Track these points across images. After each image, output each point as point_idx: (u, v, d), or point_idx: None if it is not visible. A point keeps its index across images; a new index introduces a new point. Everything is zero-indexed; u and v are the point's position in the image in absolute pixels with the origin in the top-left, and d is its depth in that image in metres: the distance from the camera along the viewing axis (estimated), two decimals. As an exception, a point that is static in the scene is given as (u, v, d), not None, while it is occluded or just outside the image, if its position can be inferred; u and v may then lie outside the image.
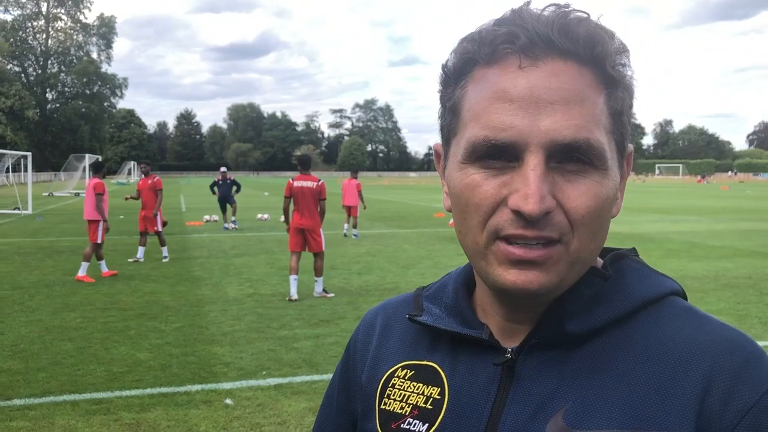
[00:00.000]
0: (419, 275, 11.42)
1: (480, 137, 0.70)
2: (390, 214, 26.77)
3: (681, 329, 0.74)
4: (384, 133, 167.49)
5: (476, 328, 0.81)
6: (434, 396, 0.81)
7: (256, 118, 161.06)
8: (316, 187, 9.43)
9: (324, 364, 6.30)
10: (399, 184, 77.13)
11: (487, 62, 0.72)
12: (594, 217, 0.70)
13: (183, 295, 9.75)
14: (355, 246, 15.70)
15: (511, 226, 0.69)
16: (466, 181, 0.72)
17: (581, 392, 0.73)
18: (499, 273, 0.71)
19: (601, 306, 0.76)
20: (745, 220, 23.46)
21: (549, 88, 0.68)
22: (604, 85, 0.71)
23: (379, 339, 0.92)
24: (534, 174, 0.67)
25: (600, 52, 0.70)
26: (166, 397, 5.43)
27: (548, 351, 0.76)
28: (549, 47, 0.69)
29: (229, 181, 20.72)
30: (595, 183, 0.70)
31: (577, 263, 0.72)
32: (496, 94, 0.70)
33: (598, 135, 0.69)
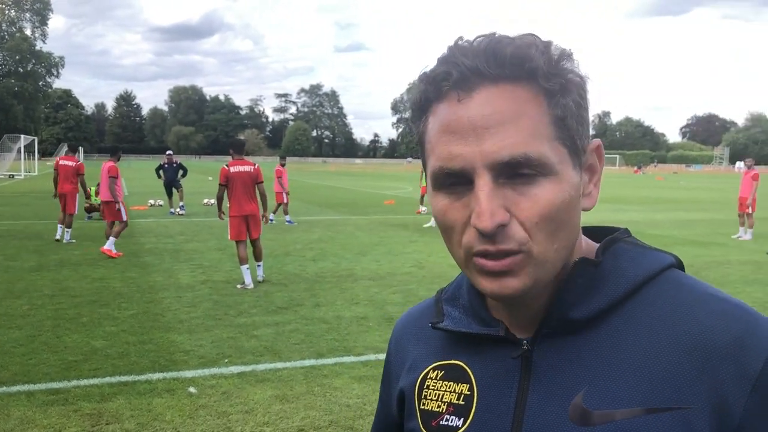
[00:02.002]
0: (374, 262, 11.44)
1: (437, 168, 0.78)
2: (339, 200, 26.72)
3: (678, 307, 0.80)
4: (329, 118, 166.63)
5: (492, 326, 0.87)
6: (465, 392, 0.88)
7: (199, 100, 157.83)
8: (253, 171, 9.26)
9: (286, 352, 6.26)
10: (345, 170, 76.97)
11: (436, 99, 0.79)
12: (549, 220, 0.76)
13: (134, 281, 9.53)
14: (306, 232, 15.62)
15: (477, 243, 0.76)
16: (438, 207, 0.80)
17: (595, 375, 0.79)
18: (480, 282, 0.79)
19: (599, 291, 0.82)
20: (681, 209, 24.33)
21: (484, 115, 0.74)
22: (543, 97, 0.76)
23: (410, 347, 1.00)
24: (482, 193, 0.74)
25: (530, 68, 0.75)
26: (127, 386, 5.31)
27: (560, 338, 0.83)
28: (479, 77, 0.75)
29: (175, 165, 20.29)
30: (545, 190, 0.75)
31: (545, 264, 0.77)
32: (442, 128, 0.77)
33: (538, 146, 0.74)
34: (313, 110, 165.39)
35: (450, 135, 0.76)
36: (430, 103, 0.80)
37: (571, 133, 0.78)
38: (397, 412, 0.99)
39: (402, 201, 26.16)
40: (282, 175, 17.71)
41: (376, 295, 8.82)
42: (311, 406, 4.95)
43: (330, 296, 8.70)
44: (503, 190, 0.75)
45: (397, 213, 21.12)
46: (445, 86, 0.77)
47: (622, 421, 0.76)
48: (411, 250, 13.02)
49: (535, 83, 0.76)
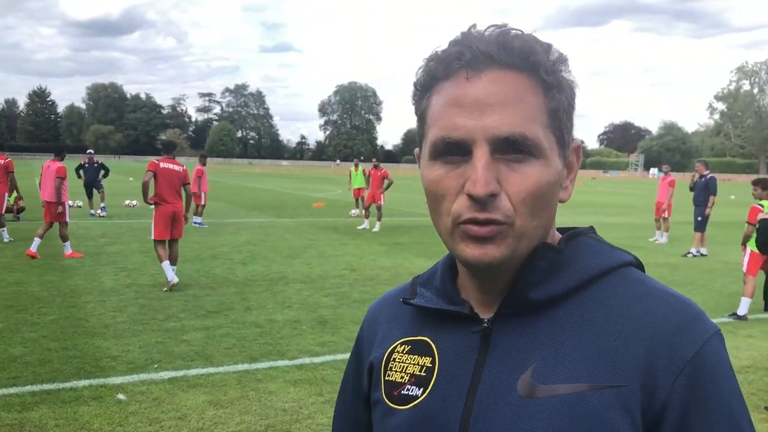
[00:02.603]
0: (305, 265, 11.36)
1: (438, 137, 0.85)
2: (266, 202, 26.41)
3: (631, 297, 0.87)
4: (255, 119, 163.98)
5: (459, 305, 0.94)
6: (427, 365, 0.95)
7: (119, 99, 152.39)
8: (182, 172, 9.28)
9: (218, 356, 6.14)
10: (272, 172, 76.10)
11: (444, 77, 0.86)
12: (534, 198, 0.83)
13: (54, 285, 9.13)
14: (233, 235, 15.36)
15: (467, 211, 0.82)
16: (432, 175, 0.87)
17: (546, 353, 0.86)
18: (462, 248, 0.85)
19: (558, 276, 0.89)
20: (602, 213, 25.24)
21: (489, 93, 0.82)
22: (542, 88, 0.85)
23: (382, 323, 1.06)
24: (479, 163, 0.81)
25: (534, 61, 0.84)
26: (50, 395, 5.08)
27: (519, 319, 0.90)
28: (490, 60, 0.84)
29: (96, 165, 19.58)
30: (534, 170, 0.83)
31: (524, 238, 0.85)
32: (449, 102, 0.84)
33: (534, 129, 0.83)
34: (238, 110, 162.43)
35: (456, 108, 0.84)
36: (436, 81, 0.88)
37: (561, 125, 0.87)
38: (367, 384, 1.04)
39: (331, 203, 26.09)
40: (202, 175, 17.30)
41: (309, 298, 8.77)
42: (246, 411, 4.87)
43: (261, 300, 8.58)
44: (497, 165, 0.82)
45: (327, 215, 21.05)
46: (456, 65, 0.85)
47: (564, 396, 0.83)
48: (342, 252, 13.00)
49: (536, 75, 0.85)
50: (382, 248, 13.71)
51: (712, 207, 14.02)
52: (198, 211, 17.15)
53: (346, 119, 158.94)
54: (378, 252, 13.17)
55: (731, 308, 8.58)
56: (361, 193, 20.56)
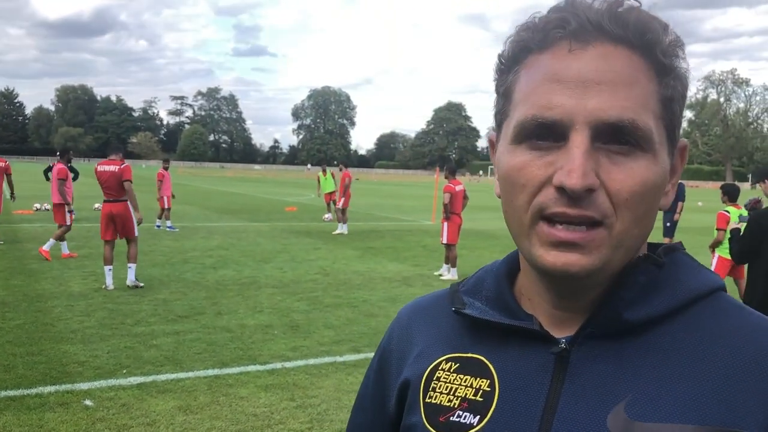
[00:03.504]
0: (278, 269, 11.28)
1: (528, 116, 0.71)
2: (239, 206, 26.20)
3: (739, 328, 0.75)
4: (228, 123, 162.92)
5: (523, 319, 0.80)
6: (484, 388, 0.80)
7: (89, 101, 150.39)
8: (118, 171, 9.30)
9: (188, 361, 6.06)
10: (244, 176, 75.61)
11: (539, 48, 0.73)
12: (638, 200, 0.70)
13: (20, 289, 8.94)
14: (205, 239, 15.21)
15: (554, 204, 0.69)
16: (513, 162, 0.73)
17: (643, 383, 0.72)
18: (541, 254, 0.72)
19: (658, 294, 0.76)
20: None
21: (597, 70, 0.69)
22: (655, 72, 0.72)
23: (418, 335, 0.91)
24: (578, 151, 0.68)
25: (650, 39, 0.71)
26: (15, 401, 4.97)
27: (603, 341, 0.76)
28: (599, 32, 0.71)
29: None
30: (641, 166, 0.70)
31: (620, 248, 0.72)
32: (545, 76, 0.71)
33: (646, 118, 0.70)
34: (211, 114, 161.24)
35: (553, 84, 0.71)
36: (528, 52, 0.75)
37: (673, 118, 0.75)
38: (396, 406, 0.90)
39: (304, 208, 25.97)
40: (163, 179, 17.10)
41: (281, 302, 8.71)
42: (217, 417, 4.81)
43: (232, 304, 8.50)
44: (597, 155, 0.69)
45: (300, 220, 20.96)
46: (558, 33, 0.72)
47: None
48: (315, 257, 12.94)
49: (651, 56, 0.72)
50: (355, 253, 13.69)
51: (681, 213, 14.24)
52: (164, 214, 16.96)
53: (320, 124, 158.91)
54: (351, 256, 13.14)
55: (699, 312, 8.69)
56: (332, 197, 20.61)
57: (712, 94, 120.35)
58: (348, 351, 6.56)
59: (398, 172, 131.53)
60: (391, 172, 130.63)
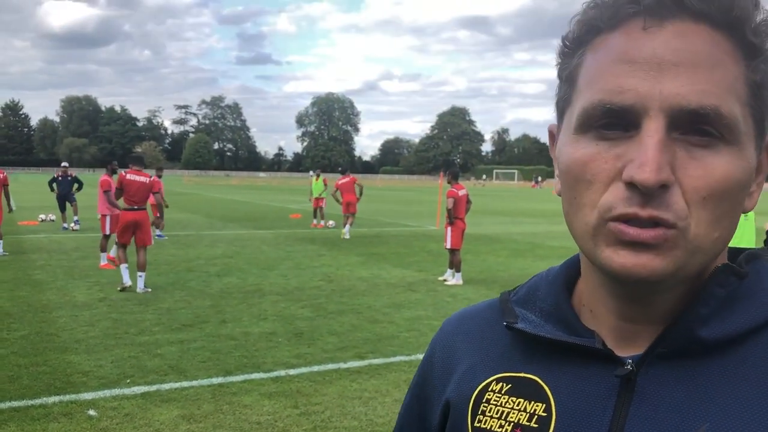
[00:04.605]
0: (281, 277, 11.29)
1: (594, 101, 0.63)
2: (243, 214, 26.26)
3: None
4: (232, 131, 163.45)
5: (583, 335, 0.72)
6: (539, 413, 0.72)
7: (93, 111, 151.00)
8: (149, 182, 10.04)
9: (192, 370, 6.06)
10: (249, 183, 75.76)
11: (609, 27, 0.65)
12: (718, 200, 0.62)
13: (25, 300, 8.97)
14: (209, 247, 15.24)
15: (623, 205, 0.61)
16: (577, 155, 0.65)
17: (720, 411, 0.64)
18: (608, 255, 0.63)
19: (739, 309, 0.67)
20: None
21: (675, 49, 0.61)
22: (743, 54, 0.63)
23: (464, 350, 0.83)
24: (651, 141, 0.60)
25: (738, 16, 0.62)
26: (19, 412, 4.98)
27: (675, 361, 0.68)
28: (678, 7, 0.62)
29: (70, 178, 19.36)
30: (724, 161, 0.62)
31: (697, 253, 0.63)
32: (615, 57, 0.63)
33: (731, 104, 0.61)
34: (215, 122, 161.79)
35: (625, 65, 0.62)
36: (596, 32, 0.66)
37: (762, 106, 0.65)
38: (439, 427, 0.82)
39: (308, 215, 25.93)
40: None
41: (285, 310, 8.71)
42: (220, 425, 4.80)
43: (236, 312, 8.51)
44: (674, 147, 0.61)
45: (304, 227, 20.98)
46: (630, 9, 0.63)
47: None
48: (319, 263, 12.94)
49: (738, 35, 0.63)
50: (359, 259, 13.69)
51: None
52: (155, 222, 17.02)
53: (324, 130, 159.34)
54: (355, 263, 13.13)
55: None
56: (319, 203, 20.80)
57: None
58: (352, 357, 6.55)
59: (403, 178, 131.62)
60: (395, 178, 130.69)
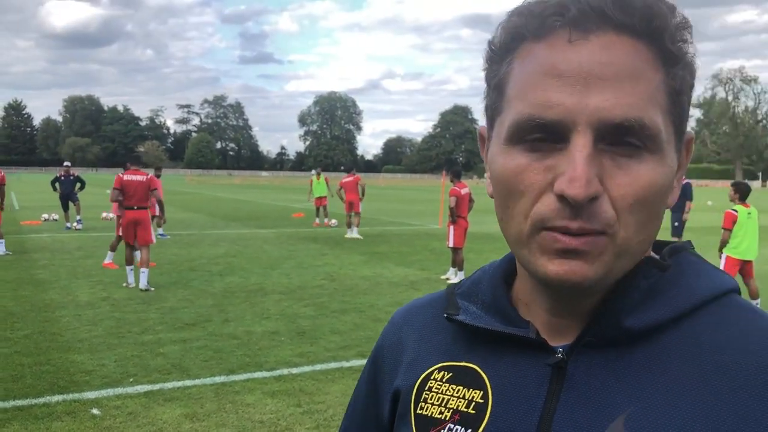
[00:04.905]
0: (284, 276, 11.30)
1: (524, 115, 0.65)
2: (246, 213, 26.28)
3: (751, 334, 0.69)
4: (234, 130, 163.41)
5: (520, 326, 0.75)
6: (477, 400, 0.75)
7: (96, 111, 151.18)
8: (146, 180, 10.16)
9: (195, 369, 6.06)
10: (251, 183, 75.82)
11: (535, 36, 0.67)
12: (644, 206, 0.65)
13: (28, 299, 8.99)
14: (212, 247, 15.25)
15: (556, 216, 0.64)
16: (509, 166, 0.67)
17: (644, 396, 0.67)
18: (542, 263, 0.66)
19: (661, 300, 0.71)
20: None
21: (600, 63, 0.63)
22: (663, 62, 0.66)
23: (411, 341, 0.86)
24: (580, 156, 0.62)
25: (658, 26, 0.65)
26: (23, 411, 4.99)
27: (603, 350, 0.71)
28: (602, 20, 0.64)
29: (72, 178, 19.38)
30: (648, 168, 0.65)
31: (624, 255, 0.67)
32: (543, 70, 0.65)
33: (653, 115, 0.64)
34: (218, 122, 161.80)
35: (552, 79, 0.64)
36: (522, 40, 0.68)
37: (681, 112, 0.68)
38: (389, 415, 0.85)
39: (311, 214, 25.94)
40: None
41: (287, 308, 8.71)
42: (223, 424, 4.81)
43: (239, 311, 8.51)
44: (601, 158, 0.64)
45: (307, 226, 20.98)
46: (556, 21, 0.65)
47: None
48: (321, 262, 12.94)
49: (658, 45, 0.66)
50: (361, 258, 13.68)
51: (689, 212, 14.17)
52: (155, 222, 17.04)
53: (326, 129, 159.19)
54: (358, 262, 13.13)
55: (708, 312, 8.64)
56: (322, 202, 20.77)
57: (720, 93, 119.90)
58: (355, 356, 6.55)
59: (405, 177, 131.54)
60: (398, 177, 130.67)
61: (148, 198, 10.24)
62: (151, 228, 10.41)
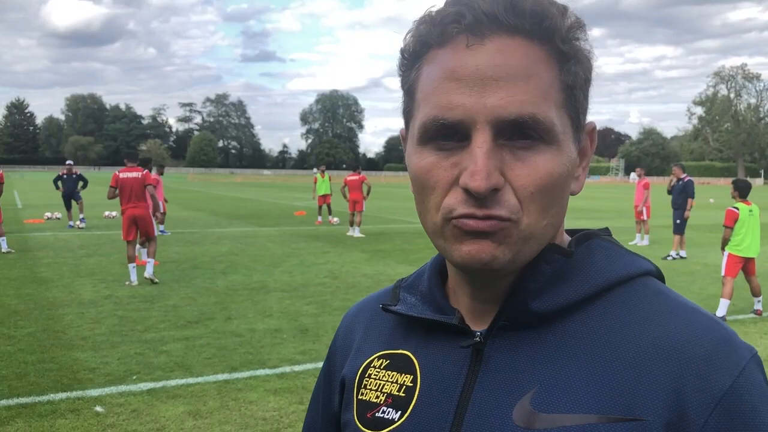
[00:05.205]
0: (287, 273, 11.32)
1: (430, 117, 0.71)
2: (248, 212, 26.30)
3: (651, 314, 0.74)
4: (237, 129, 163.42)
5: (448, 314, 0.81)
6: (407, 384, 0.82)
7: (98, 109, 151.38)
8: (141, 176, 10.32)
9: (198, 366, 6.08)
10: (254, 181, 75.86)
11: (439, 43, 0.72)
12: (544, 193, 0.70)
13: (31, 297, 9.02)
14: (215, 245, 15.27)
15: (462, 206, 0.70)
16: (421, 163, 0.73)
17: (549, 375, 0.73)
18: (456, 248, 0.72)
19: (566, 284, 0.75)
20: (583, 218, 25.36)
21: (494, 65, 0.69)
22: (556, 60, 0.72)
23: (359, 333, 0.93)
24: (480, 151, 0.68)
25: (548, 26, 0.70)
26: (27, 408, 5.01)
27: (517, 332, 0.76)
28: (495, 24, 0.69)
29: (74, 176, 19.39)
30: (546, 159, 0.70)
31: (530, 239, 0.72)
32: (444, 74, 0.70)
33: (546, 110, 0.69)
34: (220, 120, 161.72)
35: (452, 82, 0.70)
36: (428, 47, 0.73)
37: (576, 105, 0.74)
38: (338, 402, 0.91)
39: (313, 212, 25.98)
40: (157, 183, 17.17)
41: (290, 306, 8.73)
42: (226, 421, 4.83)
43: (242, 309, 8.53)
44: (501, 152, 0.69)
45: (309, 224, 21.00)
46: (454, 29, 0.70)
47: (569, 427, 0.69)
48: (324, 260, 12.96)
49: (550, 44, 0.71)
50: (363, 256, 13.69)
51: (691, 210, 14.16)
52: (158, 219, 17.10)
53: (328, 128, 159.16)
54: (360, 259, 13.15)
55: (710, 309, 8.60)
56: (326, 200, 20.77)
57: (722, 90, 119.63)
58: (357, 354, 6.56)
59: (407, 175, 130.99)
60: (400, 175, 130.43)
61: (145, 193, 10.37)
62: (152, 221, 10.66)
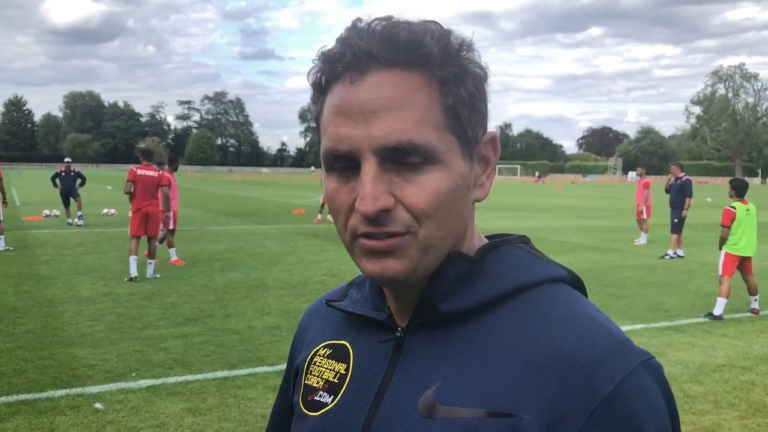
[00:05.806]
0: (285, 271, 11.34)
1: (327, 149, 0.78)
2: (246, 210, 26.30)
3: (549, 320, 0.78)
4: (235, 126, 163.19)
5: (381, 310, 0.89)
6: (341, 371, 0.90)
7: (96, 107, 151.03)
8: (157, 176, 10.80)
9: (197, 364, 6.10)
10: (252, 179, 75.83)
11: (332, 79, 0.79)
12: (437, 208, 0.76)
13: (30, 295, 9.03)
14: (213, 243, 15.28)
15: (362, 225, 0.76)
16: (329, 189, 0.80)
17: (452, 370, 0.79)
18: (363, 264, 0.79)
19: (472, 287, 0.82)
20: (580, 217, 25.44)
21: (374, 99, 0.75)
22: (437, 84, 0.77)
23: (314, 326, 1.01)
24: (367, 178, 0.74)
25: (422, 54, 0.76)
26: (26, 405, 5.03)
27: (433, 330, 0.84)
28: (373, 60, 0.75)
29: (73, 174, 19.39)
30: (432, 177, 0.76)
31: (429, 249, 0.78)
32: (335, 109, 0.77)
33: (425, 134, 0.75)
34: (218, 118, 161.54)
35: (341, 116, 0.76)
36: (328, 82, 0.80)
37: (462, 123, 0.78)
38: (292, 388, 1.00)
39: (312, 210, 26.02)
40: None
41: (289, 304, 8.75)
42: (225, 418, 4.85)
43: (241, 307, 8.55)
44: (389, 176, 0.75)
45: (308, 222, 21.01)
46: (339, 67, 0.77)
47: (463, 420, 0.75)
48: (323, 258, 12.98)
49: (427, 71, 0.76)
50: (362, 254, 13.69)
51: (689, 209, 14.19)
52: None
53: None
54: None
55: (707, 308, 8.69)
56: None
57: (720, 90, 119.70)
58: (355, 351, 6.58)
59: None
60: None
61: (158, 192, 10.77)
62: (158, 221, 10.94)
